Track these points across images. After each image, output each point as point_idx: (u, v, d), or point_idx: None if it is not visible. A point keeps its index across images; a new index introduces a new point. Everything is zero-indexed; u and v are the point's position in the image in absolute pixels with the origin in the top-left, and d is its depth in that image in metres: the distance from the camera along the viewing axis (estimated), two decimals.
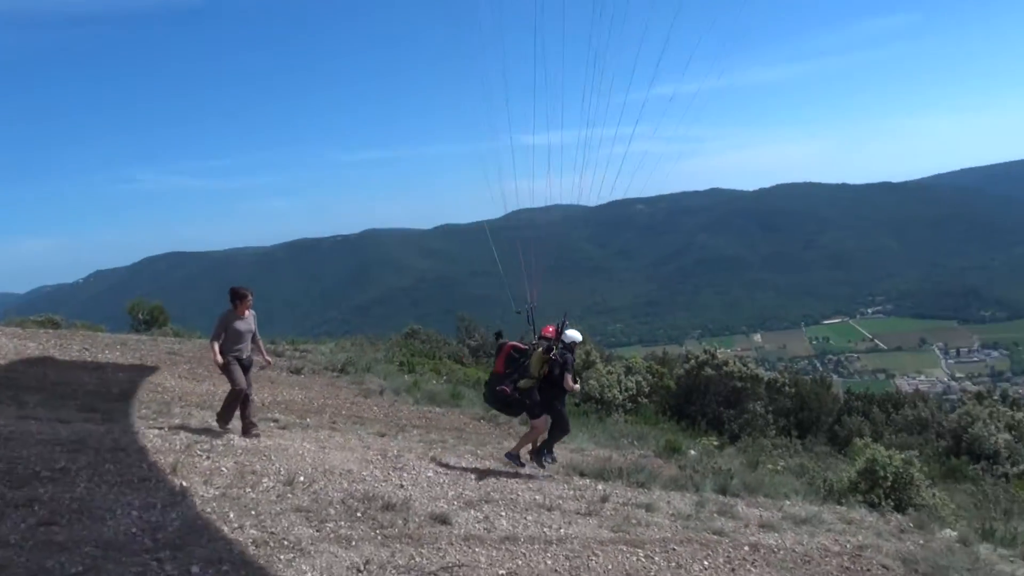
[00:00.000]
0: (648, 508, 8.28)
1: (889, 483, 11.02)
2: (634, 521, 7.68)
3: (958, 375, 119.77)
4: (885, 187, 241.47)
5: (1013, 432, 17.69)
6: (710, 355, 21.53)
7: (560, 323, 9.09)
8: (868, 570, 7.13)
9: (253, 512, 6.17)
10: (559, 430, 9.17)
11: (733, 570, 6.63)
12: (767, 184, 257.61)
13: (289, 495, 6.74)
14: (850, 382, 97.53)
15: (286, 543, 5.63)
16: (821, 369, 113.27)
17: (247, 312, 9.06)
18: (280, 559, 5.36)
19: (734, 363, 21.49)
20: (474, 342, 27.87)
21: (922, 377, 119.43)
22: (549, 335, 8.95)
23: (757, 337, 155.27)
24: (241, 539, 5.57)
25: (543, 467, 9.20)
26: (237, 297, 8.97)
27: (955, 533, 9.60)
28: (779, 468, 13.69)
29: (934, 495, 11.53)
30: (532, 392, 8.83)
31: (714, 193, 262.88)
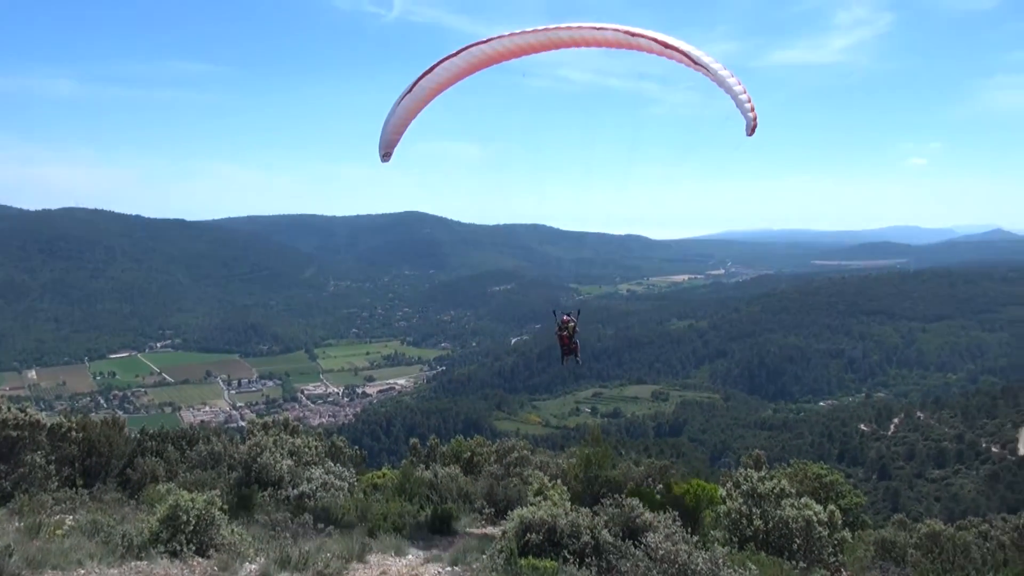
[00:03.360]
0: None
1: (191, 527, 10.75)
2: None
3: (239, 404, 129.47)
4: (179, 224, 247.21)
5: (294, 457, 19.48)
6: None
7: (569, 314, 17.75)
8: None
9: None
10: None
11: None
12: (53, 206, 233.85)
13: None
14: (137, 417, 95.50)
15: None
16: (106, 406, 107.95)
17: None
18: None
19: (8, 408, 18.23)
20: None
21: (206, 408, 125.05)
22: (566, 319, 17.26)
23: (32, 374, 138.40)
24: None
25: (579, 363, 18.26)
26: None
27: (255, 566, 9.90)
28: (66, 529, 11.98)
29: (232, 531, 11.71)
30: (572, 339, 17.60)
31: None
